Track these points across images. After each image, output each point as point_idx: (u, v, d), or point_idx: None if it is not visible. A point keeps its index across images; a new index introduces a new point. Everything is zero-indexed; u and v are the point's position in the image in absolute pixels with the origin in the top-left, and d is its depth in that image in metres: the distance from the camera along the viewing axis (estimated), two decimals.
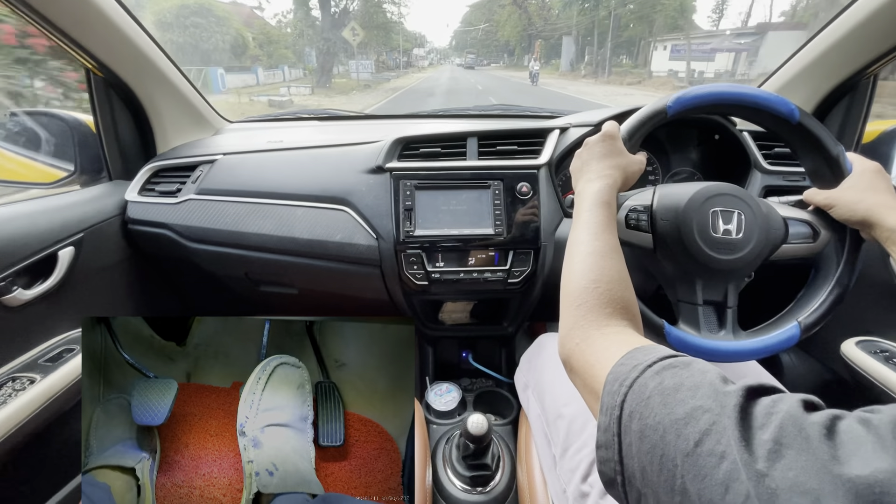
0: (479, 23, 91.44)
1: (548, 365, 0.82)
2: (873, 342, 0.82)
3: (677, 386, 0.32)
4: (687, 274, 0.64)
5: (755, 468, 0.25)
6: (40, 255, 0.80)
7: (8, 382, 0.71)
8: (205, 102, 1.22)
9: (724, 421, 0.28)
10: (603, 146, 0.61)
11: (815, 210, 0.66)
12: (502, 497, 0.85)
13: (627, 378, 0.35)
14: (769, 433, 0.26)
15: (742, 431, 0.27)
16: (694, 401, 0.30)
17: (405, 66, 56.04)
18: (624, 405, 0.33)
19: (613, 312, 0.45)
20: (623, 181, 0.61)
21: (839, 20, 0.86)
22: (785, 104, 0.61)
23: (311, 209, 0.96)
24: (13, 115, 1.15)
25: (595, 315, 0.45)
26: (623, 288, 0.47)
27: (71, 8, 0.82)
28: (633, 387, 0.34)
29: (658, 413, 0.31)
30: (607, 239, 0.52)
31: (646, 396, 0.32)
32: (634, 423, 0.32)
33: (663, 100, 0.62)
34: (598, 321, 0.44)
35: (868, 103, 0.94)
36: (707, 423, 0.28)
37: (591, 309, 0.45)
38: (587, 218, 0.55)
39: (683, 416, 0.29)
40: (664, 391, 0.32)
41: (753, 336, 0.63)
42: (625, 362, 0.37)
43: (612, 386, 0.35)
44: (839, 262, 0.64)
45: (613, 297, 0.46)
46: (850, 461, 0.23)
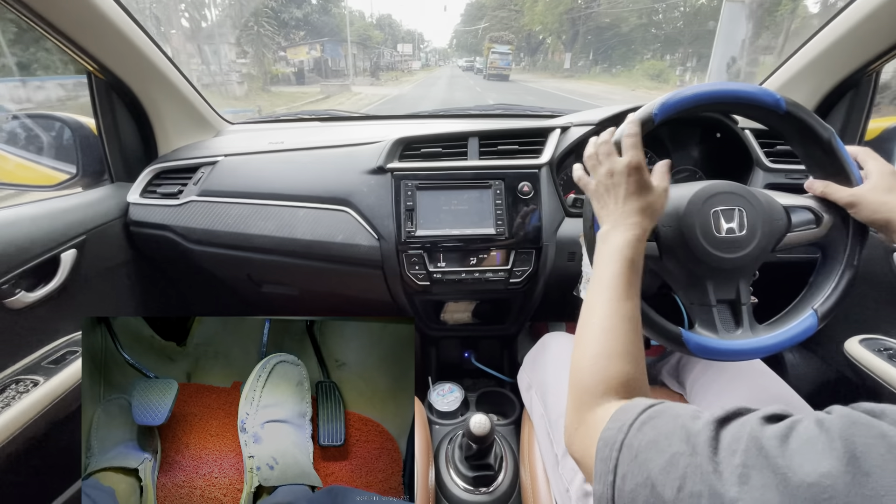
0: (478, 22, 70.43)
1: (551, 365, 0.81)
2: (877, 340, 0.81)
3: (655, 438, 0.33)
4: (696, 276, 0.64)
5: (729, 497, 0.26)
6: (43, 258, 0.80)
7: (11, 385, 0.71)
8: (206, 104, 1.23)
9: (697, 460, 0.29)
10: (630, 182, 0.56)
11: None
12: (505, 497, 0.85)
13: (616, 441, 0.35)
14: (738, 458, 0.27)
15: (714, 465, 0.28)
16: (671, 448, 0.31)
17: (374, 71, 34.67)
18: (616, 469, 0.34)
19: (607, 391, 0.44)
20: (651, 227, 0.56)
21: (841, 17, 0.86)
22: (769, 95, 0.61)
23: (312, 210, 0.96)
24: (15, 117, 1.15)
25: (589, 396, 0.44)
26: (625, 362, 0.45)
27: (73, 11, 0.82)
28: (623, 449, 0.35)
29: (644, 469, 0.32)
30: (624, 308, 0.49)
31: (633, 455, 0.33)
32: (627, 485, 0.33)
33: (650, 107, 0.62)
34: (591, 402, 0.44)
35: (870, 100, 0.94)
36: (684, 466, 0.29)
37: (585, 389, 0.45)
38: (608, 279, 0.51)
39: (664, 466, 0.30)
40: (646, 446, 0.33)
41: (771, 330, 0.62)
42: (611, 426, 0.38)
43: (603, 452, 0.36)
44: (846, 244, 0.63)
45: (610, 373, 0.45)
46: (801, 467, 0.24)
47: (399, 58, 51.25)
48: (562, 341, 0.87)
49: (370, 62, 38.41)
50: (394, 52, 51.62)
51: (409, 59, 54.14)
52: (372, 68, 36.27)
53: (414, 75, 39.07)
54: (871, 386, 0.75)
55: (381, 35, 46.95)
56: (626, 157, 0.57)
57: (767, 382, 0.71)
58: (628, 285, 0.51)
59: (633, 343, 0.47)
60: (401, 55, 52.42)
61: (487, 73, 31.52)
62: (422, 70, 53.49)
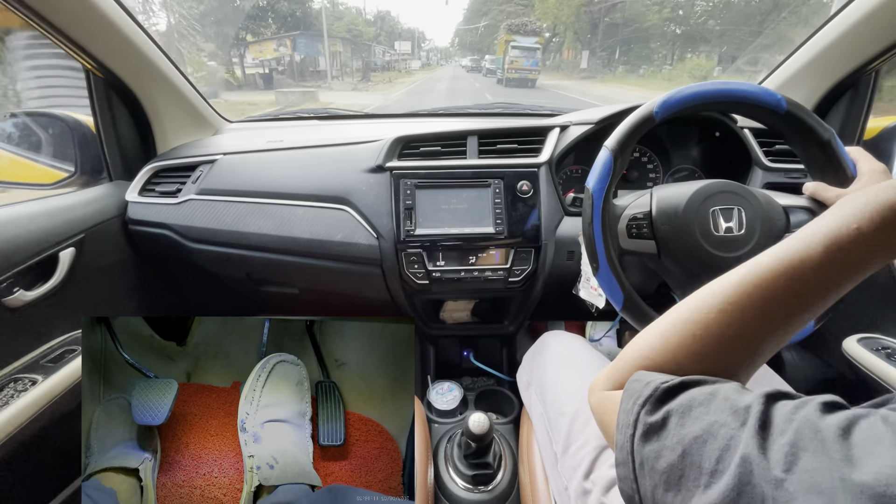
0: (482, 18, 60.95)
1: (550, 363, 0.82)
2: (875, 339, 0.82)
3: (689, 403, 0.30)
4: (694, 276, 0.64)
5: (772, 475, 0.24)
6: (41, 256, 0.80)
7: (10, 384, 0.71)
8: (204, 102, 1.22)
9: (742, 433, 0.27)
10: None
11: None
12: (504, 495, 0.85)
13: (640, 396, 0.33)
14: (787, 437, 0.25)
15: (761, 441, 0.26)
16: (708, 416, 0.29)
17: (365, 72, 29.79)
18: (637, 423, 0.32)
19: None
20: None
21: (840, 17, 0.86)
22: (770, 95, 0.61)
23: (311, 209, 0.96)
24: (13, 115, 1.15)
25: (630, 368, 0.39)
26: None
27: (71, 9, 0.81)
28: (646, 406, 0.32)
29: (675, 433, 0.30)
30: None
31: (660, 417, 0.31)
32: (651, 444, 0.31)
33: (650, 105, 0.62)
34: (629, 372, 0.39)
35: (869, 100, 0.94)
36: (726, 437, 0.27)
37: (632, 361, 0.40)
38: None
39: (700, 434, 0.28)
40: (679, 411, 0.31)
41: None
42: (638, 378, 0.35)
43: (627, 404, 0.34)
44: None
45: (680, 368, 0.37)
46: (862, 460, 0.23)
47: (397, 56, 45.12)
48: (561, 340, 0.87)
49: (362, 61, 32.56)
50: (387, 51, 44.58)
51: (407, 57, 47.93)
52: (363, 68, 30.37)
53: (412, 76, 34.36)
54: (868, 385, 0.75)
55: (373, 31, 39.89)
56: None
57: (768, 381, 0.72)
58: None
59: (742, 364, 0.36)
60: (398, 54, 45.92)
61: (506, 76, 22.24)
62: (422, 70, 47.97)
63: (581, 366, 0.78)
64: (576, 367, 0.78)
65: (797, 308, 0.34)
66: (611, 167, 0.63)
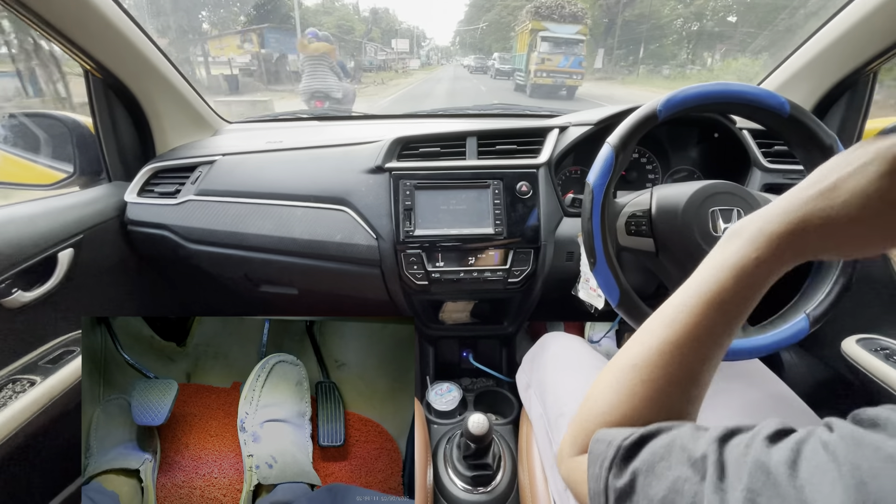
0: (485, 14, 52.62)
1: (550, 364, 0.82)
2: (874, 340, 0.82)
3: (651, 460, 0.31)
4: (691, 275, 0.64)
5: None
6: (40, 257, 0.80)
7: (8, 385, 0.71)
8: (203, 103, 1.22)
9: (704, 487, 0.28)
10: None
11: None
12: (503, 497, 0.85)
13: (605, 458, 0.34)
14: (743, 483, 0.26)
15: (721, 494, 0.27)
16: (671, 472, 0.30)
17: (355, 73, 21.78)
18: (608, 491, 0.33)
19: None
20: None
21: (839, 17, 0.86)
22: (774, 98, 0.61)
23: (310, 209, 0.96)
24: (11, 116, 1.14)
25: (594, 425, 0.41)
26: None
27: (69, 9, 0.81)
28: (612, 469, 0.33)
29: (643, 496, 0.31)
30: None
31: (628, 480, 0.32)
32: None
33: (653, 103, 0.62)
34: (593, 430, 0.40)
35: (868, 101, 0.94)
36: (691, 494, 0.28)
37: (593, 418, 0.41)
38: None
39: (667, 493, 0.29)
40: (643, 469, 0.32)
41: (762, 331, 0.63)
42: (600, 438, 0.36)
43: (594, 469, 0.35)
44: None
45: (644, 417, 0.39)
46: (815, 500, 0.24)
47: (394, 56, 40.94)
48: (561, 341, 0.87)
49: (353, 61, 29.90)
50: (381, 49, 41.16)
51: (405, 56, 43.82)
52: (354, 68, 25.09)
53: (409, 76, 30.42)
54: (867, 386, 0.76)
55: (364, 27, 37.10)
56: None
57: (767, 382, 0.72)
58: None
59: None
60: (395, 52, 41.83)
61: (532, 80, 14.95)
62: (421, 70, 43.38)
63: (581, 367, 0.78)
64: (575, 368, 0.78)
65: (723, 333, 0.38)
66: (612, 163, 0.63)
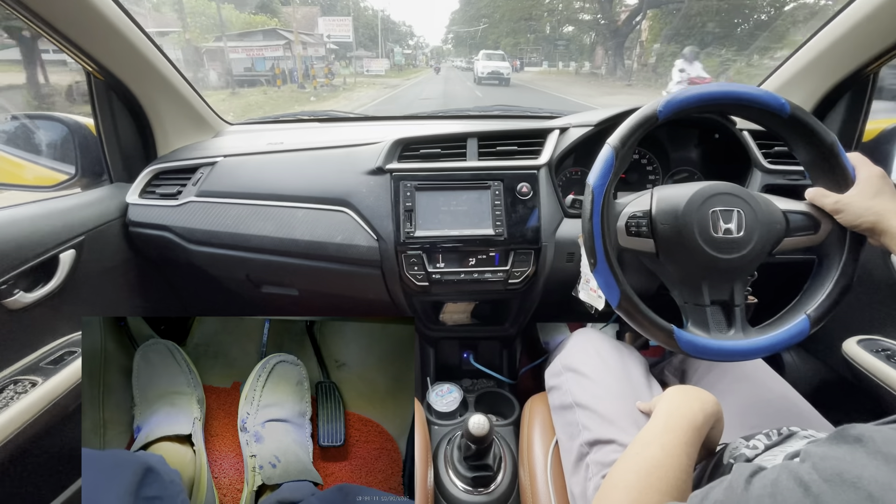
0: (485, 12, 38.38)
1: (589, 360, 0.78)
2: (875, 341, 0.82)
3: None
4: (691, 276, 0.64)
5: None
6: (42, 258, 0.80)
7: (9, 385, 0.71)
8: (205, 105, 1.23)
9: None
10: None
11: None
12: (504, 498, 0.85)
13: None
14: None
15: None
16: None
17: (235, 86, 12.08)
18: None
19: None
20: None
21: (839, 18, 0.86)
22: (774, 99, 0.61)
23: (311, 211, 0.96)
24: (14, 117, 1.15)
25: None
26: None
27: (72, 12, 0.82)
28: None
29: None
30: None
31: None
32: None
33: (654, 104, 0.62)
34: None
35: (868, 101, 0.94)
36: None
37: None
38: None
39: None
40: None
41: (763, 333, 0.63)
42: None
43: None
44: (842, 251, 0.63)
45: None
46: None
47: (321, 51, 22.76)
48: (600, 339, 0.83)
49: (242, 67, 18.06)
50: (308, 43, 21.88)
51: (369, 58, 28.23)
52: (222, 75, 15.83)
53: (354, 91, 16.40)
54: (868, 386, 0.75)
55: (262, 18, 23.05)
56: None
57: (770, 383, 0.72)
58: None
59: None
60: (324, 45, 22.86)
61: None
62: (389, 75, 26.19)
63: (622, 368, 0.75)
64: (616, 368, 0.75)
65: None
66: (612, 164, 0.63)
